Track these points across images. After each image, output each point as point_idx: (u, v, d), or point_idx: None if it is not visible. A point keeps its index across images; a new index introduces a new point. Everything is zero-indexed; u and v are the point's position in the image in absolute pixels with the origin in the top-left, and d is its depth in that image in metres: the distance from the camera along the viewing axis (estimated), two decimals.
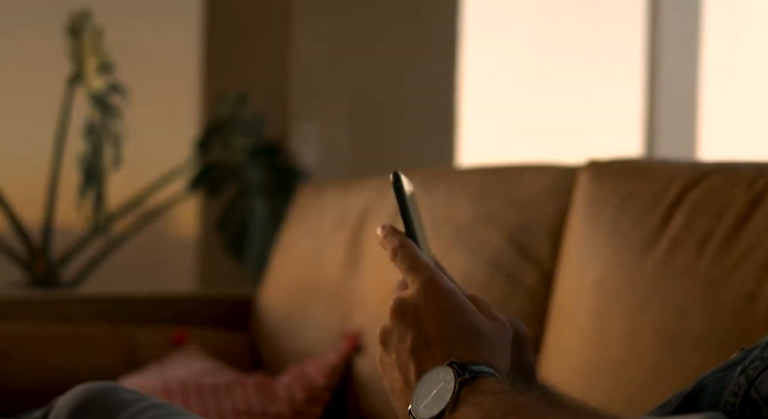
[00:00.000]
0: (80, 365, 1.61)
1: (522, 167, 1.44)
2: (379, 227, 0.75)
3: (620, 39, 2.98)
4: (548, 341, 1.26)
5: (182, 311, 1.81)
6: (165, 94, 2.81)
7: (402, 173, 0.75)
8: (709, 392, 0.66)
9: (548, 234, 1.33)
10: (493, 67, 3.04)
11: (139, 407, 0.85)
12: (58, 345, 1.62)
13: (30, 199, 2.47)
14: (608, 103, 2.99)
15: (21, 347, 1.59)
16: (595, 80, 3.01)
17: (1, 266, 2.42)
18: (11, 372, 1.56)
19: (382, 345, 0.70)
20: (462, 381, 0.63)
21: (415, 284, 0.69)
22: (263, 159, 2.39)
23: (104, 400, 0.86)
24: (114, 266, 2.54)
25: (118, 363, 1.61)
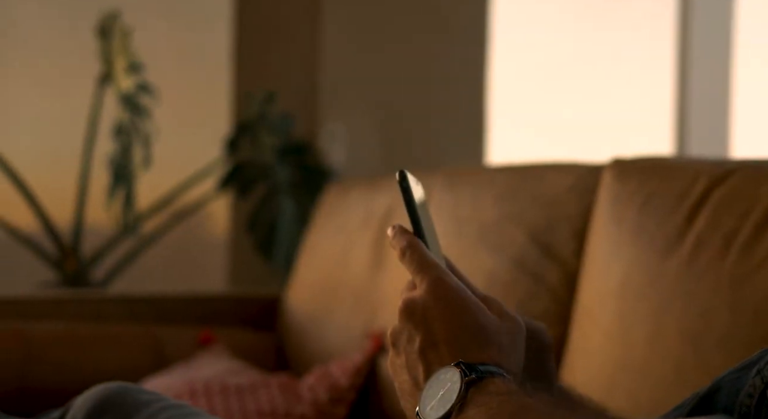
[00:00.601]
0: (108, 364, 1.62)
1: (546, 166, 1.43)
2: (389, 228, 0.75)
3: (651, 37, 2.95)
4: (572, 341, 1.25)
5: (210, 311, 1.82)
6: (195, 94, 2.82)
7: (409, 172, 0.74)
8: (725, 393, 0.65)
9: (572, 233, 1.32)
10: (523, 65, 3.02)
11: (155, 407, 0.86)
12: (86, 344, 1.63)
13: (61, 199, 2.49)
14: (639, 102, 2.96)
15: (50, 346, 1.61)
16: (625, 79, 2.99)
17: (33, 266, 2.45)
18: (41, 372, 1.58)
19: (391, 346, 0.70)
20: (469, 382, 0.63)
21: (423, 284, 0.69)
22: (291, 158, 2.39)
23: (121, 400, 0.87)
24: (145, 265, 2.56)
25: (146, 363, 1.62)
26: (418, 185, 0.77)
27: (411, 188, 0.74)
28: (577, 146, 2.92)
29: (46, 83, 2.82)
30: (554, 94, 3.03)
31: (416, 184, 0.77)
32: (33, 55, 2.83)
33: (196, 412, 0.87)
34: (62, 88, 2.78)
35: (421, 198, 0.77)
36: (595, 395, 1.16)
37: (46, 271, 2.44)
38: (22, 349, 1.58)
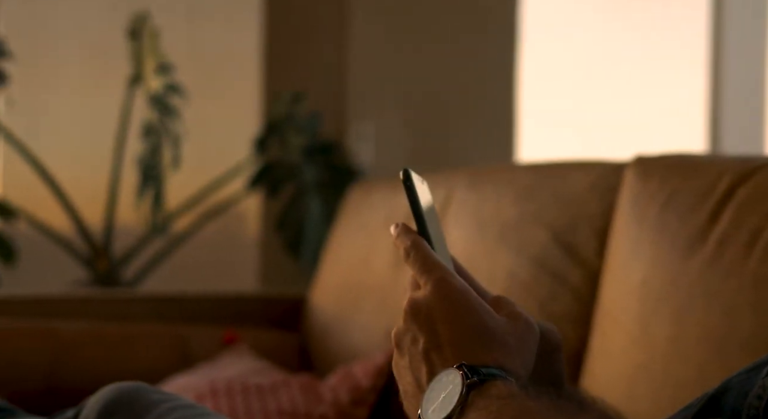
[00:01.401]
0: (134, 363, 1.63)
1: (568, 164, 1.41)
2: (392, 226, 0.74)
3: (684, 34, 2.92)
4: (593, 343, 1.23)
5: (236, 311, 1.82)
6: (225, 94, 2.84)
7: (413, 171, 0.73)
8: (733, 394, 0.63)
9: (594, 233, 1.30)
10: (553, 63, 2.99)
11: (165, 407, 0.86)
12: (113, 343, 1.64)
13: (92, 199, 2.52)
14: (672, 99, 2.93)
15: (78, 346, 1.62)
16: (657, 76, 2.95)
17: (66, 265, 2.48)
18: (69, 371, 1.59)
19: (395, 347, 0.69)
20: (470, 385, 0.62)
21: (427, 285, 0.68)
22: (319, 158, 2.39)
23: (132, 400, 0.87)
24: (176, 264, 2.58)
25: (171, 362, 1.63)
26: (423, 184, 0.76)
27: (415, 187, 0.73)
28: (608, 143, 2.88)
29: (78, 85, 2.85)
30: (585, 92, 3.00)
31: (421, 183, 0.76)
32: (64, 57, 2.86)
33: (207, 413, 0.87)
34: (94, 90, 2.81)
35: (426, 197, 0.76)
36: (615, 397, 1.15)
37: (79, 270, 2.47)
38: (50, 348, 1.59)
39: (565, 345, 1.26)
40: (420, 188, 0.74)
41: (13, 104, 2.59)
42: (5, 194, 2.78)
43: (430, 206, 0.76)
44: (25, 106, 2.82)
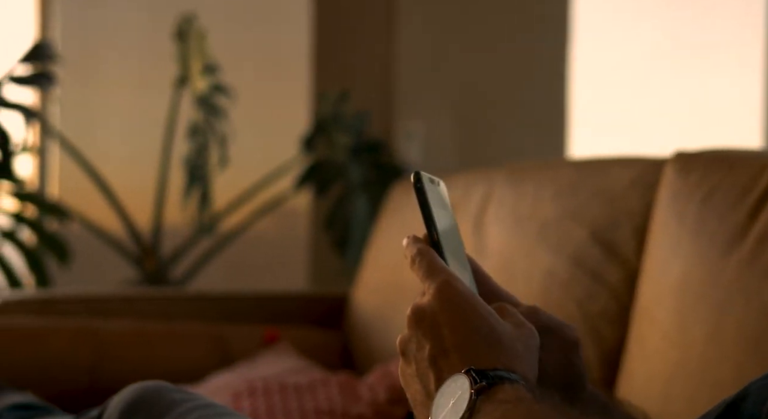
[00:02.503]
0: (176, 362, 1.64)
1: (609, 160, 1.39)
2: (405, 238, 0.72)
3: (739, 28, 2.85)
4: (631, 342, 1.20)
5: (280, 310, 1.82)
6: (274, 94, 2.85)
7: (425, 173, 0.72)
8: (752, 401, 0.61)
9: (634, 230, 1.27)
10: (605, 59, 2.95)
11: (186, 407, 0.86)
12: (155, 342, 1.66)
13: (141, 200, 2.55)
14: (727, 94, 2.86)
15: (120, 344, 1.64)
16: (712, 72, 2.88)
17: (116, 265, 2.51)
18: (111, 369, 1.61)
19: (401, 355, 0.67)
20: (479, 390, 0.60)
21: (430, 290, 0.66)
22: (365, 157, 2.39)
23: (154, 400, 0.87)
24: (226, 263, 2.60)
25: (212, 361, 1.64)
26: (439, 185, 0.74)
27: (426, 189, 0.71)
28: (662, 138, 2.83)
29: (127, 87, 2.89)
30: (638, 88, 2.95)
31: (437, 185, 0.74)
32: (114, 59, 2.91)
33: (228, 412, 0.87)
34: (142, 91, 2.84)
35: (442, 199, 0.74)
36: (652, 397, 1.12)
37: (129, 270, 2.50)
38: (93, 347, 1.61)
39: (602, 345, 1.24)
40: (433, 190, 0.73)
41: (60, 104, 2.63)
42: (61, 196, 2.83)
43: (445, 208, 0.74)
44: (75, 108, 2.87)
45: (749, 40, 2.80)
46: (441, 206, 0.73)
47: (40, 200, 2.36)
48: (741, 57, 2.86)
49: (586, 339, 1.26)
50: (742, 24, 2.84)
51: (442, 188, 0.75)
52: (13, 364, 1.55)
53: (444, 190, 0.76)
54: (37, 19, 3.04)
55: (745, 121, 2.82)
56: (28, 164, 2.92)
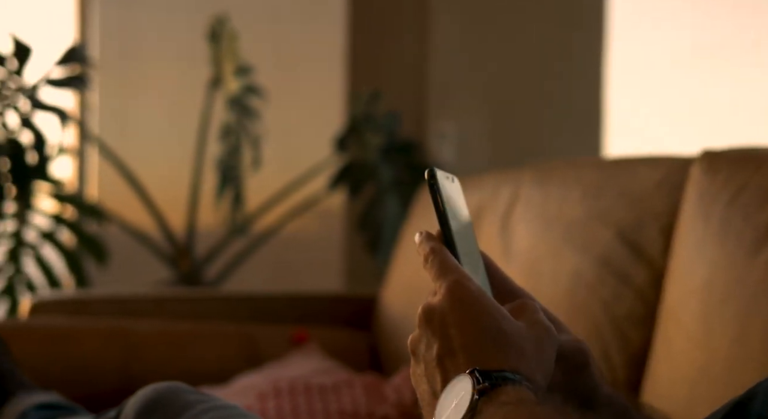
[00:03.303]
0: (204, 362, 1.65)
1: (636, 159, 1.37)
2: (416, 234, 0.72)
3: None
4: (656, 346, 1.19)
5: (309, 310, 1.83)
6: (309, 94, 2.85)
7: (439, 170, 0.71)
8: (759, 401, 0.60)
9: (661, 231, 1.25)
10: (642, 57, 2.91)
11: (201, 408, 0.86)
12: (184, 342, 1.67)
13: (176, 200, 2.57)
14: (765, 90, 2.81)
15: (150, 344, 1.65)
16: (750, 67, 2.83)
17: (152, 265, 2.54)
18: (141, 369, 1.63)
19: (412, 355, 0.67)
20: (481, 390, 0.60)
21: (441, 289, 0.66)
22: (397, 157, 2.38)
23: (169, 401, 0.88)
24: (261, 263, 2.61)
25: (240, 361, 1.64)
26: (454, 183, 0.74)
27: (440, 186, 0.70)
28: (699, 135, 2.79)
29: (162, 88, 2.91)
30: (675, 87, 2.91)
31: (452, 182, 0.73)
32: (149, 61, 2.93)
33: (242, 413, 0.87)
34: (177, 93, 2.87)
35: (456, 197, 0.73)
36: (678, 401, 1.10)
37: (165, 270, 2.52)
38: (123, 347, 1.63)
39: (628, 347, 1.23)
40: (448, 187, 0.72)
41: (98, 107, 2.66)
42: (100, 197, 2.86)
43: (460, 206, 0.73)
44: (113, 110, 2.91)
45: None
46: (456, 204, 0.72)
47: (79, 202, 2.39)
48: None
49: (611, 340, 1.25)
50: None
51: (457, 185, 0.74)
52: (46, 363, 1.57)
53: (459, 187, 0.75)
54: (76, 23, 3.08)
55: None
56: (68, 166, 2.96)
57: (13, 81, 2.23)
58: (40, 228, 2.29)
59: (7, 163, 2.16)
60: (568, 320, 1.29)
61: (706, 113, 2.84)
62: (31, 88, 2.22)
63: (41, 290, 2.28)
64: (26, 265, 2.30)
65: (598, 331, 1.26)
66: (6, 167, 2.17)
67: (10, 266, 2.28)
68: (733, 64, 2.86)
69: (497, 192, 1.55)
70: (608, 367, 1.23)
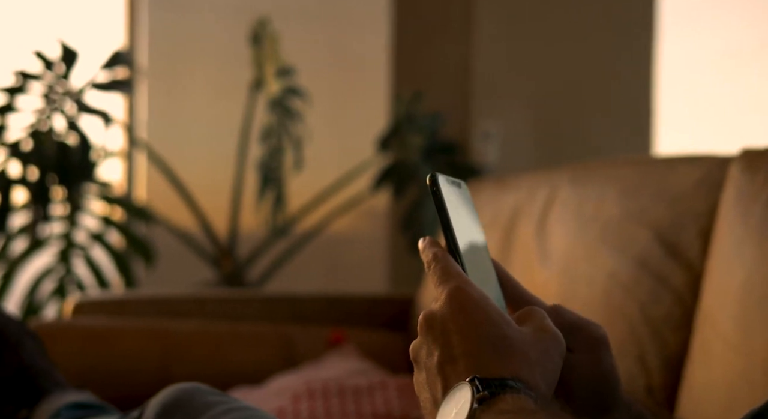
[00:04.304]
0: (241, 362, 1.66)
1: (674, 159, 1.34)
2: (420, 240, 0.71)
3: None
4: (693, 349, 1.16)
5: (347, 311, 1.82)
6: (354, 95, 2.86)
7: (442, 176, 0.70)
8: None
9: (699, 232, 1.22)
10: (694, 54, 2.86)
11: (220, 409, 0.86)
12: (222, 342, 1.68)
13: (220, 202, 2.59)
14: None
15: (188, 345, 1.66)
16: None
17: (196, 266, 2.56)
18: (180, 368, 1.64)
19: (414, 362, 0.66)
20: (480, 399, 0.58)
21: (442, 295, 0.65)
22: (440, 158, 2.37)
23: (189, 402, 0.88)
24: (306, 263, 2.62)
25: (277, 362, 1.64)
26: (461, 187, 0.72)
27: (443, 192, 0.69)
28: (749, 134, 2.73)
29: (207, 91, 2.93)
30: (727, 85, 2.85)
31: (458, 187, 0.72)
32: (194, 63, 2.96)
33: (261, 415, 0.87)
34: (222, 95, 2.88)
35: (462, 202, 0.72)
36: (715, 406, 1.07)
37: (209, 271, 2.54)
38: (162, 347, 1.64)
39: (665, 350, 1.20)
40: (454, 192, 0.71)
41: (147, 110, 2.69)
42: (148, 199, 2.90)
43: (467, 212, 0.72)
44: (160, 113, 2.94)
45: None
46: (462, 210, 0.71)
47: (128, 204, 2.42)
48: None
49: (648, 343, 1.22)
50: None
51: (465, 191, 0.73)
52: (86, 363, 1.58)
53: (467, 193, 0.73)
54: (125, 29, 3.12)
55: None
56: (117, 169, 3.00)
57: (61, 85, 2.26)
58: (90, 230, 2.33)
59: (55, 165, 2.19)
60: (604, 322, 1.26)
61: (757, 110, 2.78)
62: (77, 92, 2.25)
63: (90, 290, 2.31)
64: (76, 266, 2.34)
65: (634, 334, 1.23)
66: (54, 169, 2.20)
67: (61, 266, 2.32)
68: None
69: (534, 193, 1.53)
70: (644, 371, 1.21)
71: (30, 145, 2.21)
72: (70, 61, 2.25)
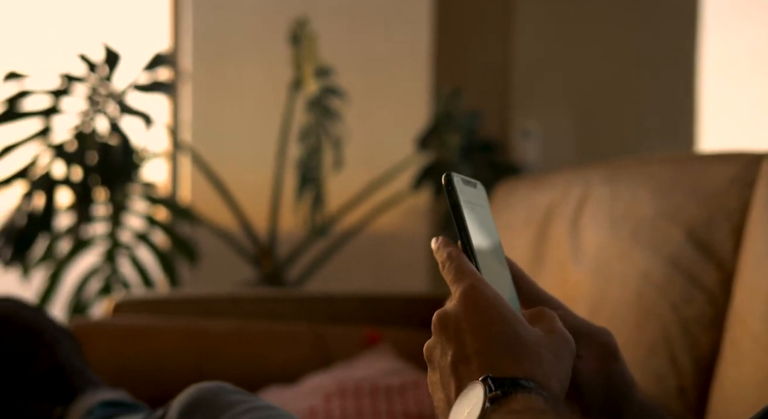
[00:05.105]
0: (276, 361, 1.67)
1: (708, 156, 1.32)
2: (433, 240, 0.71)
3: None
4: (724, 349, 1.14)
5: (382, 311, 1.83)
6: (394, 94, 2.86)
7: (458, 175, 0.70)
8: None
9: (732, 230, 1.20)
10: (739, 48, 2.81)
11: (241, 408, 0.87)
12: (257, 341, 1.69)
13: (260, 202, 2.61)
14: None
15: (224, 344, 1.68)
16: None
17: (237, 265, 2.58)
18: (216, 367, 1.65)
19: (428, 362, 0.66)
20: (492, 398, 0.58)
21: (456, 294, 0.65)
22: (479, 156, 2.36)
23: (211, 401, 0.89)
24: (346, 262, 2.62)
25: (312, 361, 1.65)
26: (476, 187, 0.72)
27: (458, 191, 0.69)
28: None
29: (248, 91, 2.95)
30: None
31: (473, 187, 0.72)
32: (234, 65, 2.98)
33: (283, 414, 0.88)
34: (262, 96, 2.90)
35: (477, 201, 0.72)
36: (746, 408, 1.06)
37: (249, 270, 2.56)
38: (199, 346, 1.66)
39: (696, 350, 1.18)
40: (469, 192, 0.71)
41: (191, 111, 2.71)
42: (192, 200, 2.93)
43: (481, 212, 0.72)
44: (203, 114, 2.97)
45: None
46: (477, 209, 0.71)
47: (172, 205, 2.45)
48: None
49: (680, 343, 1.20)
50: None
51: (481, 191, 0.73)
52: (123, 362, 1.61)
53: (483, 193, 0.74)
54: (170, 31, 3.16)
55: None
56: (162, 170, 3.04)
57: (104, 87, 2.30)
58: (135, 230, 2.36)
59: (98, 167, 2.23)
60: (636, 323, 1.25)
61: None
62: (119, 94, 2.28)
63: (135, 289, 2.35)
64: (122, 265, 2.38)
65: (666, 334, 1.22)
66: (97, 170, 2.24)
67: (107, 266, 2.36)
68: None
69: (567, 191, 1.52)
70: (676, 372, 1.19)
71: (74, 146, 2.25)
72: (112, 63, 2.29)
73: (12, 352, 1.24)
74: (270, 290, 2.28)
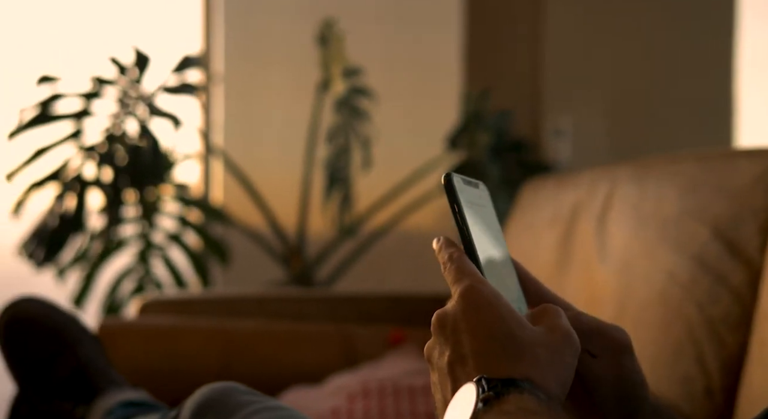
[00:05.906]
0: (302, 361, 1.66)
1: (736, 153, 1.29)
2: (434, 240, 0.70)
3: None
4: (752, 350, 1.11)
5: (409, 310, 1.81)
6: (425, 94, 2.85)
7: (458, 175, 0.69)
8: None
9: (759, 228, 1.17)
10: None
11: (252, 409, 0.87)
12: (283, 341, 1.69)
13: (289, 202, 2.61)
14: None
15: (250, 344, 1.68)
16: None
17: (267, 266, 2.58)
18: (242, 367, 1.65)
19: (428, 363, 0.65)
20: (485, 399, 0.57)
21: (455, 294, 0.64)
22: (509, 155, 2.34)
23: (222, 402, 0.88)
24: (375, 263, 2.62)
25: (338, 361, 1.65)
26: (477, 187, 0.71)
27: (458, 191, 0.68)
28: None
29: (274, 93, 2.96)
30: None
31: (475, 187, 0.71)
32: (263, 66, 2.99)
33: (294, 414, 0.87)
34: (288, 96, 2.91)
35: (479, 201, 0.71)
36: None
37: (279, 271, 2.57)
38: (224, 346, 1.66)
39: (723, 351, 1.16)
40: (470, 193, 0.70)
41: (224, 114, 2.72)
42: (225, 201, 2.94)
43: (484, 212, 0.71)
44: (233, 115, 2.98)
45: None
46: (479, 210, 0.70)
47: (204, 205, 2.46)
48: None
49: (707, 344, 1.18)
50: None
51: (483, 191, 0.72)
52: (148, 361, 1.61)
53: (486, 193, 0.72)
54: (202, 33, 3.17)
55: None
56: (194, 171, 3.06)
57: (134, 89, 2.31)
58: (167, 231, 2.38)
59: (128, 168, 2.25)
60: (662, 324, 1.23)
61: None
62: (149, 96, 2.30)
63: (168, 289, 2.36)
64: (155, 266, 2.39)
65: (692, 334, 1.19)
66: (127, 172, 2.25)
67: (140, 266, 2.38)
68: None
69: (594, 190, 1.49)
70: (703, 373, 1.17)
71: (105, 148, 2.27)
72: (142, 66, 2.30)
73: (36, 352, 1.25)
74: (296, 291, 2.28)
